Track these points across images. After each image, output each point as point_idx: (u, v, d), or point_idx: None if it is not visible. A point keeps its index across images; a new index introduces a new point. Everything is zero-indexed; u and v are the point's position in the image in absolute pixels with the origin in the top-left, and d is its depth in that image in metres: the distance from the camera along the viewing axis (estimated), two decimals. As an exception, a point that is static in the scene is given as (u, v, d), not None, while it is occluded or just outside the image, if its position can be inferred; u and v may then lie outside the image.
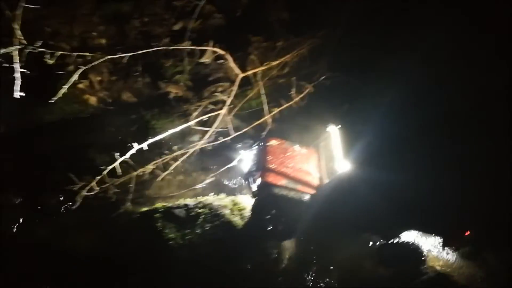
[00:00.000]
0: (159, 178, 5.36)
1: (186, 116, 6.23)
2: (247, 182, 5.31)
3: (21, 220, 5.03)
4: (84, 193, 5.12)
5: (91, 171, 5.45)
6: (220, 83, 6.74)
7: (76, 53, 4.08)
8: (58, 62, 6.72)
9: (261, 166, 4.97)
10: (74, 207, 5.06)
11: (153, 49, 5.07)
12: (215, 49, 5.26)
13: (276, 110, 5.60)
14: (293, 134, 5.69)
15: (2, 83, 6.33)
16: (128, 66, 6.91)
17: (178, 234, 4.96)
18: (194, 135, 6.26)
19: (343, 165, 4.83)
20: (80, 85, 6.54)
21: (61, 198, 5.27)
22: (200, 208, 5.22)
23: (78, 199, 5.11)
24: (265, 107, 5.61)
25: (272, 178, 4.77)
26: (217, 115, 5.70)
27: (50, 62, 3.78)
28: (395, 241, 5.18)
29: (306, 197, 4.81)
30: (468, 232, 4.81)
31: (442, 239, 5.00)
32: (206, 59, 6.97)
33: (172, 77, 6.92)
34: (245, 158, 5.75)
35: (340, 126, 5.13)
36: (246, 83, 6.46)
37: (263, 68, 5.50)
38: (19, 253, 4.79)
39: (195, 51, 7.04)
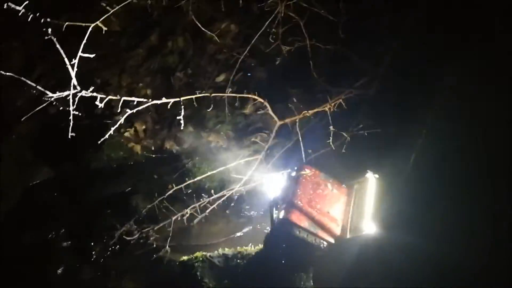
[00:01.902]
0: (196, 220, 5.48)
1: (226, 165, 6.41)
2: (270, 211, 4.98)
3: (68, 263, 5.23)
4: (127, 238, 5.34)
5: (134, 217, 5.70)
6: (259, 133, 6.94)
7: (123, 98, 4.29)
8: (106, 111, 7.20)
9: (288, 198, 4.71)
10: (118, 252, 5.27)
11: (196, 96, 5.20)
12: (254, 96, 5.45)
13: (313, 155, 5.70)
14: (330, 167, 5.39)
15: (56, 132, 6.78)
16: (171, 115, 7.26)
17: (217, 283, 5.02)
18: (233, 183, 6.39)
19: (370, 226, 4.43)
20: (126, 134, 6.90)
21: (106, 243, 5.45)
22: (239, 258, 5.27)
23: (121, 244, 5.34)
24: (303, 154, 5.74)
25: (295, 217, 4.49)
26: (255, 162, 5.89)
27: (100, 105, 4.02)
28: None
29: (324, 245, 4.56)
30: None
31: None
32: (246, 110, 7.23)
33: (214, 126, 7.17)
34: (275, 183, 5.38)
35: (377, 175, 4.94)
36: (285, 133, 6.65)
37: (300, 117, 5.64)
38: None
39: (236, 103, 7.33)
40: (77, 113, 4.07)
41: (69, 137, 4.38)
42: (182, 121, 4.84)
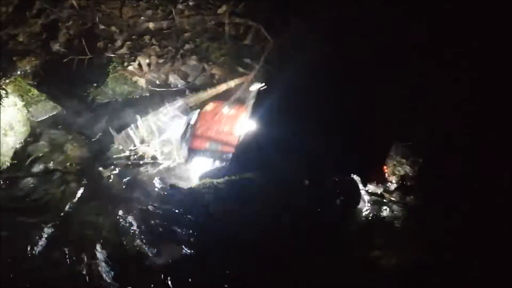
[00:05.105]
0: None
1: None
2: (182, 147, 5.70)
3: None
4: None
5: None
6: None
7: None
8: (110, 45, 7.15)
9: (190, 132, 5.57)
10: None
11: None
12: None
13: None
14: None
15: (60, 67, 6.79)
16: (175, 49, 7.19)
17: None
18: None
19: (250, 124, 5.33)
20: (130, 68, 6.86)
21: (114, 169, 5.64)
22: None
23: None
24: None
25: (196, 144, 5.38)
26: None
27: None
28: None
29: (228, 156, 5.33)
30: (386, 168, 5.02)
31: (361, 178, 5.02)
32: (248, 41, 7.11)
33: (216, 59, 7.10)
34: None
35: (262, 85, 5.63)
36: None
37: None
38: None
39: (238, 34, 7.22)
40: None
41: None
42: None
